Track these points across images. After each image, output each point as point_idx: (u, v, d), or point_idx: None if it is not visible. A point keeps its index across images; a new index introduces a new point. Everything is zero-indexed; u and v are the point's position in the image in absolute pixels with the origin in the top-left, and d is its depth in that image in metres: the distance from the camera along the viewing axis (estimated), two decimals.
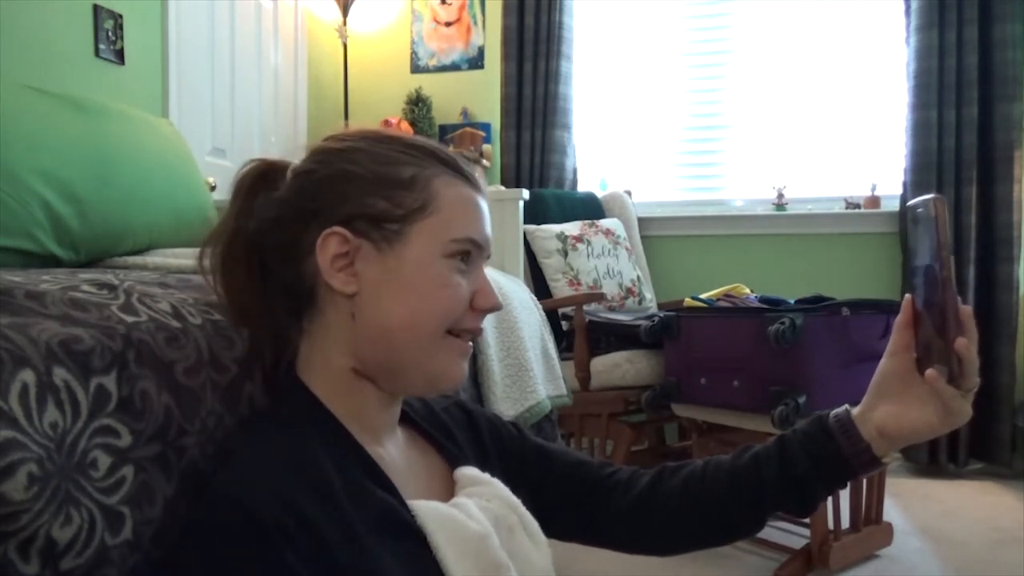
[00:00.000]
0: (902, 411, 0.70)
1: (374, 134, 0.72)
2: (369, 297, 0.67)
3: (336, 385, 0.68)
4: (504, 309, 1.66)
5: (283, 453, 0.60)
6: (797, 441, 0.74)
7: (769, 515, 0.77)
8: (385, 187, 0.68)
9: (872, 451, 0.71)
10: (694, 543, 0.82)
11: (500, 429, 0.85)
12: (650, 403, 2.28)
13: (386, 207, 0.67)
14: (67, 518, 0.52)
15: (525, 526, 0.73)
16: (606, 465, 0.85)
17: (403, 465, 0.71)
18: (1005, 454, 2.89)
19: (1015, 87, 2.87)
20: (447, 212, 0.68)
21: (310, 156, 0.71)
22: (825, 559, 1.93)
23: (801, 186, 3.29)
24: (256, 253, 0.71)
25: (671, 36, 3.46)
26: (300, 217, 0.68)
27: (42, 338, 0.56)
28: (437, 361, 0.69)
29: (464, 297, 0.69)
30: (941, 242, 0.64)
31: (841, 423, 0.72)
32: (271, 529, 0.53)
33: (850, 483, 1.99)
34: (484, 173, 3.46)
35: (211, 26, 2.89)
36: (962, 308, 0.64)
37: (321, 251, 0.66)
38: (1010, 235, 2.89)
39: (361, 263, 0.67)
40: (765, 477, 0.75)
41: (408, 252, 0.67)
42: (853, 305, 1.97)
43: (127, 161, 1.34)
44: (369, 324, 0.67)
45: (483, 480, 0.74)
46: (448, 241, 0.68)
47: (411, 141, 0.71)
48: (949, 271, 0.64)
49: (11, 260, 1.10)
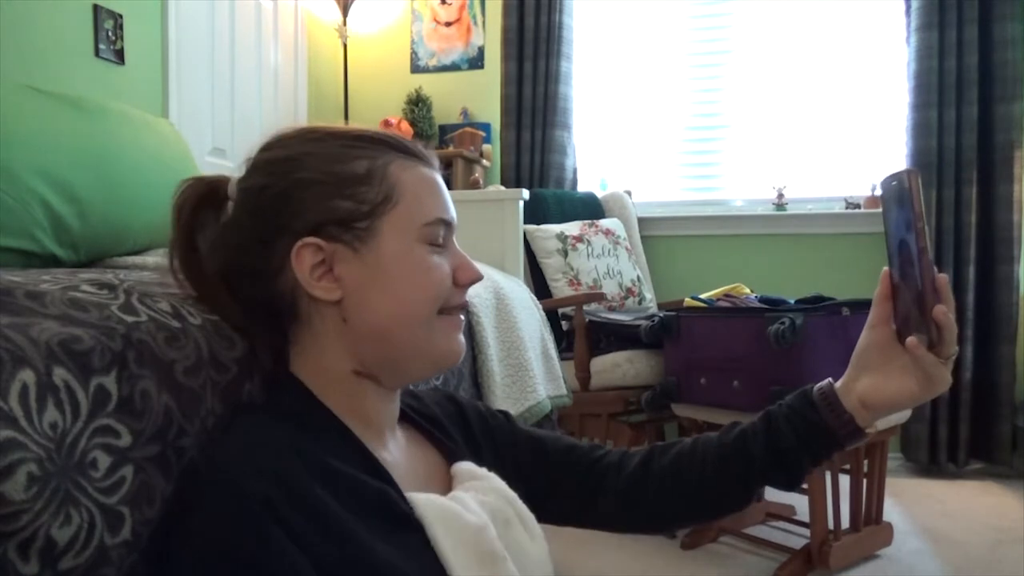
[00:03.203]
0: (883, 381, 0.71)
1: (313, 133, 0.70)
2: (356, 299, 0.66)
3: (336, 387, 0.68)
4: (504, 309, 1.66)
5: (277, 436, 0.61)
6: (782, 416, 0.76)
7: (757, 489, 0.79)
8: (344, 186, 0.66)
9: (856, 422, 0.72)
10: (685, 519, 0.85)
11: (488, 419, 0.86)
12: (650, 403, 2.28)
13: (351, 206, 0.66)
14: (67, 518, 0.52)
15: (522, 519, 0.74)
16: (596, 448, 0.86)
17: (402, 461, 0.71)
18: (1005, 454, 2.89)
19: (1015, 87, 2.87)
20: (411, 198, 0.68)
21: (256, 170, 0.69)
22: (825, 559, 1.93)
23: (801, 186, 3.29)
24: (224, 281, 0.70)
25: (671, 36, 3.46)
26: (264, 238, 0.66)
27: (42, 338, 0.56)
28: (435, 343, 0.69)
29: (447, 276, 0.70)
30: (916, 213, 0.65)
31: (825, 395, 0.74)
32: (259, 503, 0.53)
33: (850, 483, 2.00)
34: (484, 172, 3.46)
35: (211, 26, 2.89)
36: (938, 276, 0.66)
37: (297, 265, 0.65)
38: (1010, 235, 2.89)
39: (340, 267, 0.66)
40: (752, 452, 0.76)
41: (384, 246, 0.66)
42: (853, 305, 1.97)
43: (127, 161, 1.34)
44: (362, 325, 0.67)
45: (480, 475, 0.74)
46: (420, 226, 0.68)
47: (355, 132, 0.70)
48: (925, 241, 0.65)
49: (11, 260, 1.10)
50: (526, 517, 0.74)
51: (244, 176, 0.70)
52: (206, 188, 0.71)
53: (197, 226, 0.71)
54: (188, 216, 0.70)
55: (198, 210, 0.71)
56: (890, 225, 0.71)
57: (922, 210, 0.65)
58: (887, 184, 0.70)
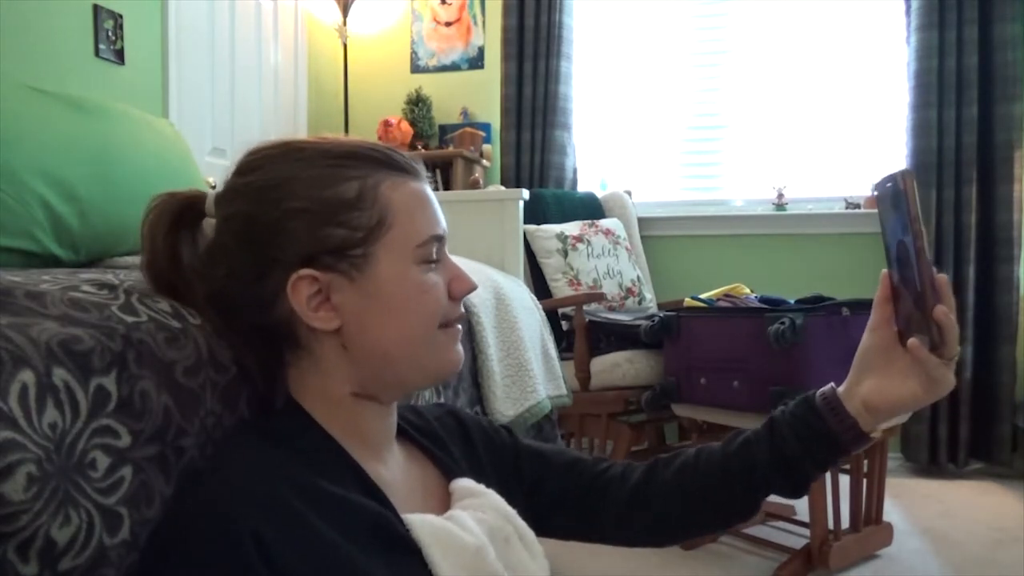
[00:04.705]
0: (886, 384, 0.71)
1: (298, 151, 0.67)
2: (356, 326, 0.66)
3: (336, 410, 0.67)
4: (504, 309, 1.66)
5: (270, 464, 0.60)
6: (786, 423, 0.75)
7: (763, 498, 0.78)
8: (335, 213, 0.64)
9: (859, 426, 0.72)
10: (691, 530, 0.83)
11: (493, 437, 0.85)
12: (650, 403, 2.27)
13: (344, 234, 0.64)
14: (66, 518, 0.52)
15: (521, 537, 0.73)
16: (600, 461, 0.85)
17: (400, 478, 0.70)
18: (1005, 454, 2.89)
19: (1015, 87, 2.87)
20: (404, 219, 0.66)
21: (240, 196, 0.66)
22: (825, 559, 1.93)
23: (801, 186, 3.29)
24: (214, 307, 0.68)
25: (671, 36, 3.45)
26: (255, 268, 0.65)
27: (42, 338, 0.56)
28: (435, 357, 0.69)
29: (443, 292, 0.69)
30: (912, 215, 0.65)
31: (828, 401, 0.73)
32: (246, 539, 0.52)
33: (850, 483, 2.00)
34: (484, 172, 3.46)
35: (211, 26, 2.89)
36: (938, 277, 0.65)
37: (294, 297, 0.64)
38: (1010, 235, 2.89)
39: (337, 296, 0.65)
40: (757, 461, 0.76)
41: (381, 272, 0.65)
42: (853, 305, 1.97)
43: (127, 161, 1.33)
44: (363, 350, 0.66)
45: (478, 492, 0.74)
46: (414, 248, 0.67)
47: (341, 150, 0.67)
48: (923, 242, 0.65)
49: (11, 260, 1.09)
50: (526, 534, 0.74)
51: (226, 198, 0.67)
52: (179, 206, 0.69)
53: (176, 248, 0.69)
54: (165, 234, 0.69)
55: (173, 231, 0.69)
56: (887, 227, 0.70)
57: (918, 211, 0.65)
58: (882, 186, 0.69)
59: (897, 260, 0.69)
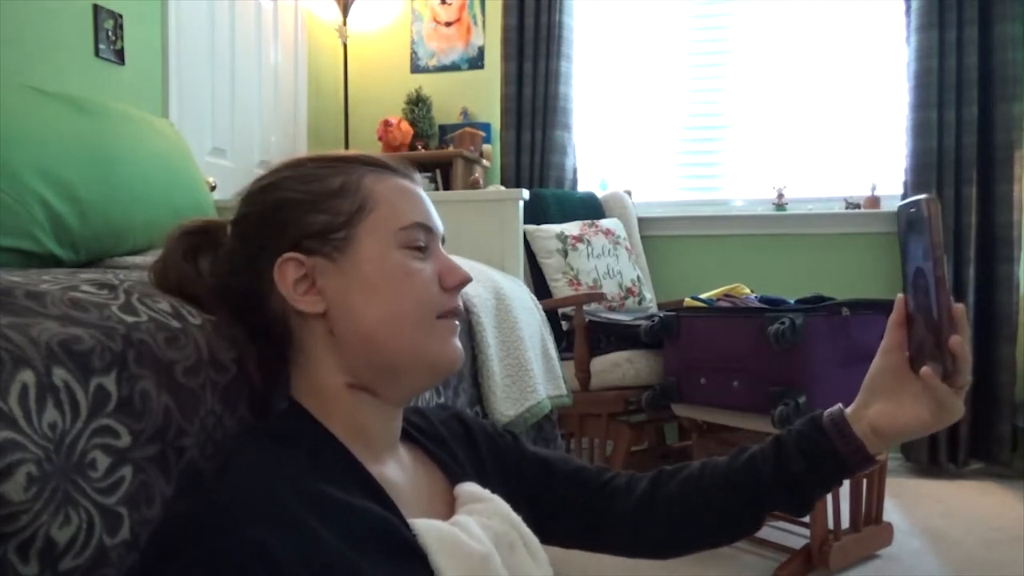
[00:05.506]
0: (895, 409, 0.71)
1: (295, 160, 0.73)
2: (340, 309, 0.67)
3: (334, 405, 0.67)
4: (504, 309, 1.66)
5: (276, 467, 0.59)
6: (792, 441, 0.75)
7: (767, 515, 0.78)
8: (319, 201, 0.68)
9: (866, 449, 0.72)
10: (694, 545, 0.83)
11: (497, 441, 0.85)
12: (650, 403, 2.28)
13: (327, 219, 0.68)
14: (66, 519, 0.52)
15: (526, 543, 0.73)
16: (604, 470, 0.85)
17: (405, 482, 0.70)
18: (1005, 454, 2.89)
19: (1015, 87, 2.87)
20: (386, 204, 0.69)
21: (242, 202, 0.72)
22: (825, 559, 1.93)
23: (801, 186, 3.29)
24: (224, 306, 0.72)
25: (671, 36, 3.45)
26: (250, 260, 0.69)
27: (42, 338, 0.56)
28: (429, 348, 0.69)
29: (429, 280, 0.70)
30: (934, 242, 0.65)
31: (835, 422, 0.73)
32: (251, 547, 0.52)
33: (850, 483, 2.00)
34: (484, 173, 3.46)
35: (211, 26, 2.89)
36: (955, 307, 0.65)
37: (280, 281, 0.67)
38: (1010, 235, 2.89)
39: (321, 279, 0.67)
40: (762, 478, 0.76)
41: (362, 253, 0.67)
42: (853, 305, 1.97)
43: (127, 161, 1.34)
44: (348, 333, 0.67)
45: (484, 497, 0.73)
46: (396, 231, 0.68)
47: (333, 155, 0.72)
48: (943, 271, 0.65)
49: (11, 260, 1.09)
50: (530, 541, 0.74)
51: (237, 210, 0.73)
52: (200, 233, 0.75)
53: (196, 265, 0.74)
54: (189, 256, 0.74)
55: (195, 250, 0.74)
56: (908, 252, 0.70)
57: (940, 239, 0.65)
58: (905, 210, 0.69)
59: (914, 286, 0.69)
